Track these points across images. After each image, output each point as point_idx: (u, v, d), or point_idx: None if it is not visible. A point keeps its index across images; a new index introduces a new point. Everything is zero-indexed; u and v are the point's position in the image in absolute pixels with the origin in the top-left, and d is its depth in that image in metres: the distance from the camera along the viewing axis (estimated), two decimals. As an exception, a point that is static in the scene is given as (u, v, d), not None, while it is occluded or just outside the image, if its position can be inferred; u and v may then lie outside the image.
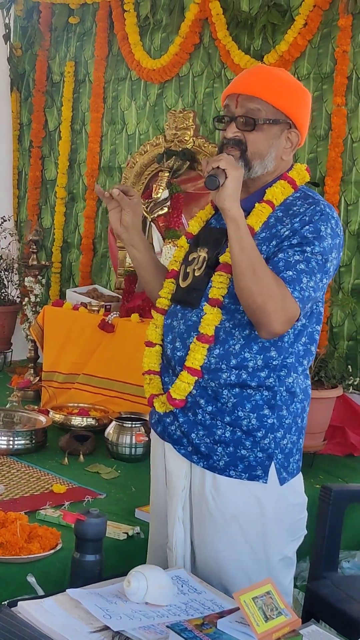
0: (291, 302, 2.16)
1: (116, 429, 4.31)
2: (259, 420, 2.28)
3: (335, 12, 5.02)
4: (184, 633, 1.78)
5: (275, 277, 2.16)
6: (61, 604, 1.96)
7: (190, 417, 2.32)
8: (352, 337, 5.02)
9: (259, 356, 2.26)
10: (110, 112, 6.29)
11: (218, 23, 5.49)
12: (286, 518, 2.34)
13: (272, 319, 2.15)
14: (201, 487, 2.33)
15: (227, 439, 2.29)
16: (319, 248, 2.21)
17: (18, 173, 7.02)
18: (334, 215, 2.28)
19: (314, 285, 2.20)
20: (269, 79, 2.34)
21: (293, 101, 2.33)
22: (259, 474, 2.29)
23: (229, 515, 2.30)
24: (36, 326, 5.31)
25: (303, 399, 2.37)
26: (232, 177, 2.13)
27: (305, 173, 2.39)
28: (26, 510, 3.32)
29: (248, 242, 2.15)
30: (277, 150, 2.33)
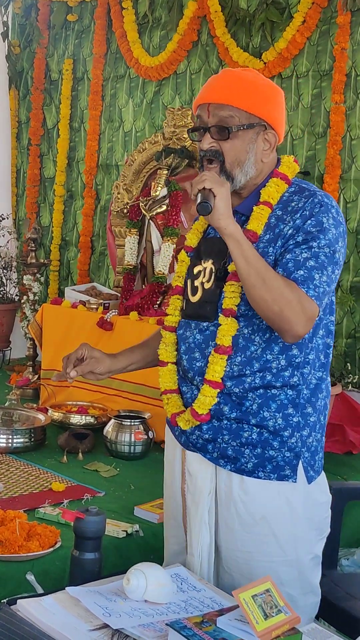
0: (308, 302, 2.14)
1: (115, 427, 4.31)
2: (285, 419, 2.26)
3: (334, 9, 5.02)
4: (184, 631, 1.77)
5: (286, 281, 2.14)
6: (60, 602, 1.96)
7: (215, 424, 2.30)
8: (350, 335, 5.02)
9: (281, 356, 2.25)
10: (109, 110, 6.29)
11: (216, 20, 5.48)
12: (315, 517, 2.33)
13: (292, 324, 2.13)
14: (228, 490, 2.30)
15: (255, 441, 2.26)
16: (324, 241, 2.18)
17: (16, 171, 7.02)
18: (333, 204, 2.25)
19: (327, 279, 2.18)
20: (237, 84, 2.29)
21: (264, 102, 2.29)
22: (287, 473, 2.27)
23: (258, 517, 2.28)
24: (35, 324, 5.31)
25: (326, 395, 2.35)
26: (220, 196, 2.12)
27: (295, 165, 2.36)
28: (25, 509, 3.32)
29: (251, 253, 2.13)
30: (255, 155, 2.29)
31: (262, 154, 2.30)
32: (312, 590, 2.35)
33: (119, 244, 5.53)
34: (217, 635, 1.78)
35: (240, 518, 2.29)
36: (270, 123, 2.30)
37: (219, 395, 2.27)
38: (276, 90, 2.36)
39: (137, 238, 5.49)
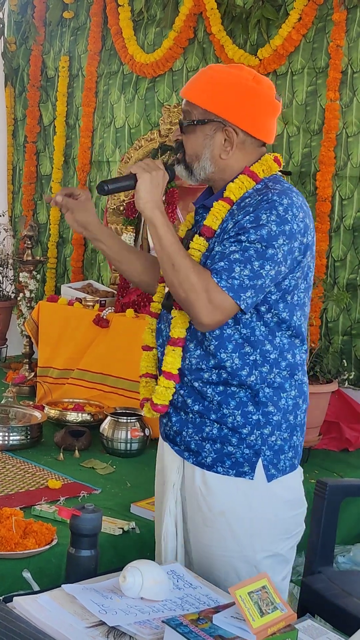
0: (216, 292, 2.15)
1: (111, 425, 4.31)
2: (244, 417, 2.27)
3: (330, 6, 5.02)
4: (180, 628, 1.77)
5: (197, 270, 2.18)
6: (57, 600, 1.96)
7: (182, 416, 2.35)
8: (346, 332, 5.02)
9: (234, 354, 2.26)
10: (101, 106, 6.28)
11: (212, 17, 5.48)
12: (276, 515, 2.32)
13: (196, 310, 2.17)
14: (191, 483, 2.35)
15: (215, 436, 2.30)
16: (254, 236, 2.17)
17: (12, 168, 7.01)
18: (282, 202, 2.20)
19: (251, 273, 2.15)
20: (201, 80, 2.33)
21: (220, 99, 2.29)
22: (245, 470, 2.28)
23: (217, 511, 2.31)
24: (31, 322, 5.31)
25: (296, 395, 2.33)
26: (142, 180, 2.22)
27: (273, 164, 2.34)
28: (21, 506, 3.32)
29: (166, 238, 2.20)
30: (212, 150, 2.31)
31: (221, 151, 2.32)
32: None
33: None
34: (214, 632, 1.78)
35: (201, 511, 2.33)
36: (229, 120, 2.29)
37: (184, 388, 2.32)
38: (245, 88, 2.31)
39: (134, 235, 5.50)
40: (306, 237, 2.25)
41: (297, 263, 2.25)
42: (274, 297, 2.25)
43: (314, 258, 2.34)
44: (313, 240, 2.31)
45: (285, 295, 2.26)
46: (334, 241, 5.02)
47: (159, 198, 2.24)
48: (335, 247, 5.02)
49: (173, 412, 2.36)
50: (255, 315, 2.25)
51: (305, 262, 2.28)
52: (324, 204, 5.00)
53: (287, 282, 2.25)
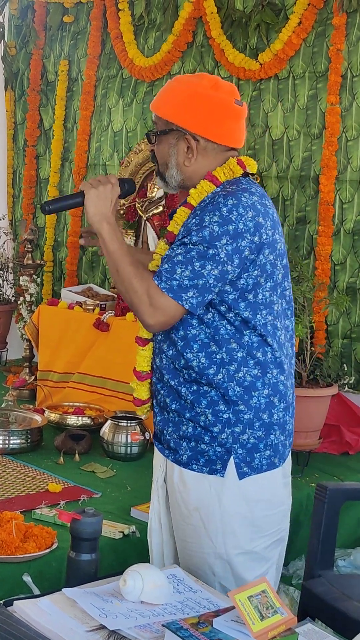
0: (157, 294, 2.23)
1: (112, 428, 4.31)
2: (215, 415, 2.32)
3: (330, 10, 5.02)
4: (180, 632, 1.78)
5: (139, 274, 2.28)
6: (57, 603, 1.96)
7: (165, 415, 2.42)
8: (346, 336, 5.03)
9: (201, 354, 2.32)
10: (99, 110, 6.28)
11: (212, 22, 5.48)
12: (248, 513, 2.35)
13: (139, 312, 2.27)
14: (171, 480, 2.42)
15: (190, 434, 2.36)
16: (196, 238, 2.23)
17: (12, 172, 7.01)
18: (226, 204, 2.25)
19: (191, 274, 2.22)
20: (164, 93, 2.43)
21: (179, 109, 2.37)
22: (218, 467, 2.33)
23: (192, 508, 2.36)
24: (31, 325, 5.31)
25: (270, 393, 2.35)
26: (88, 195, 2.33)
27: (235, 166, 2.39)
28: (22, 510, 3.33)
29: (112, 247, 2.31)
30: (177, 159, 2.40)
31: (185, 158, 2.40)
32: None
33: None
34: (214, 636, 1.78)
35: (179, 508, 2.40)
36: (188, 129, 2.37)
37: (165, 388, 2.40)
38: (200, 96, 2.36)
39: (134, 239, 5.50)
40: (258, 236, 2.27)
41: (250, 262, 2.27)
42: (232, 296, 2.29)
43: (280, 256, 2.36)
44: (273, 237, 2.32)
45: (244, 294, 2.29)
46: (334, 245, 5.03)
47: (107, 211, 2.33)
48: (336, 251, 5.02)
49: (158, 411, 2.45)
50: (217, 315, 2.30)
51: (265, 260, 2.30)
52: (327, 208, 5.00)
53: (243, 281, 2.28)
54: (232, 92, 2.41)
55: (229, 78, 5.43)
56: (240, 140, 2.44)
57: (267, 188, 5.29)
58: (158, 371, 2.42)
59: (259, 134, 5.36)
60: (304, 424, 3.98)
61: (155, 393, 2.46)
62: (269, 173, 5.32)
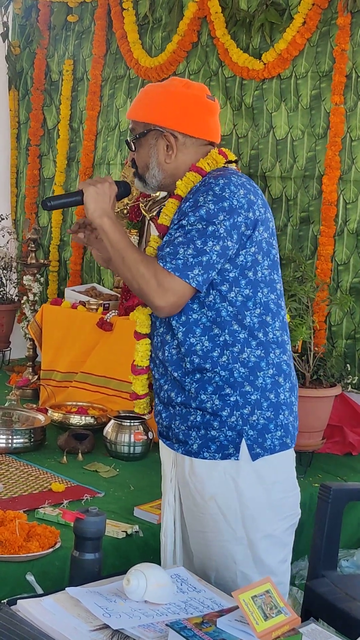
0: (164, 275, 2.26)
1: (115, 428, 4.31)
2: (222, 399, 2.34)
3: (334, 10, 5.02)
4: (184, 631, 1.78)
5: (144, 259, 2.31)
6: (60, 603, 1.96)
7: (170, 410, 2.43)
8: (350, 336, 5.02)
9: (203, 337, 2.34)
10: (106, 110, 6.29)
11: (217, 21, 5.48)
12: (265, 495, 2.36)
13: (149, 296, 2.28)
14: (182, 473, 2.41)
15: (198, 423, 2.36)
16: (194, 218, 2.28)
17: (16, 171, 7.01)
18: (218, 183, 2.32)
19: (194, 251, 2.25)
20: (138, 99, 2.50)
21: (154, 108, 2.45)
22: (231, 452, 2.34)
23: (207, 497, 2.36)
24: (34, 325, 5.31)
25: (275, 373, 2.37)
26: (87, 193, 2.38)
27: (218, 156, 2.45)
28: (25, 509, 3.33)
29: (114, 238, 2.34)
30: (157, 158, 2.46)
31: (165, 156, 2.47)
32: (270, 571, 2.35)
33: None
34: (217, 635, 1.78)
35: (193, 499, 2.39)
36: (165, 126, 2.44)
37: (168, 382, 2.41)
38: (173, 94, 2.46)
39: (137, 239, 5.50)
40: (252, 212, 2.32)
41: (246, 237, 2.32)
42: (232, 274, 2.32)
43: (273, 235, 2.42)
44: (266, 216, 2.38)
45: (245, 272, 2.33)
46: (338, 245, 5.02)
47: (107, 206, 2.38)
48: (339, 251, 5.02)
49: (163, 408, 2.45)
50: (218, 297, 2.32)
51: (260, 238, 2.35)
52: (330, 207, 5.00)
53: (242, 258, 2.32)
54: (202, 89, 2.50)
55: (232, 78, 5.43)
56: (217, 134, 2.50)
57: (270, 188, 5.29)
58: (161, 365, 2.43)
59: (262, 133, 5.36)
60: (307, 424, 3.98)
61: (157, 390, 2.47)
62: (272, 173, 5.31)
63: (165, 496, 2.51)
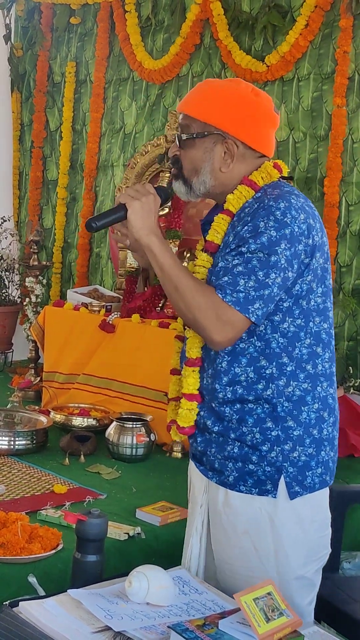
0: (224, 308, 2.12)
1: (117, 430, 4.31)
2: (262, 433, 2.22)
3: (337, 13, 5.02)
4: (186, 633, 1.77)
5: (201, 288, 2.16)
6: (62, 604, 1.96)
7: (206, 436, 2.33)
8: (352, 338, 5.02)
9: (249, 368, 2.22)
10: (110, 113, 6.29)
11: (219, 24, 5.49)
12: (302, 535, 2.26)
13: (206, 330, 2.14)
14: (215, 503, 2.32)
15: (236, 455, 2.26)
16: (255, 245, 2.13)
17: (19, 173, 7.03)
18: (279, 207, 2.16)
19: (256, 284, 2.11)
20: (199, 93, 2.31)
21: (220, 111, 2.27)
22: (268, 488, 2.23)
23: (241, 531, 2.26)
24: (37, 326, 5.31)
25: (320, 408, 2.26)
26: (132, 209, 2.20)
27: (272, 170, 2.29)
28: (27, 511, 3.32)
29: (166, 262, 2.19)
30: (212, 164, 2.29)
31: (222, 164, 2.29)
32: (299, 612, 2.22)
33: (121, 247, 5.54)
34: (219, 637, 1.78)
35: (225, 531, 2.29)
36: (229, 133, 2.27)
37: (204, 409, 2.30)
38: (243, 99, 2.29)
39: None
40: (311, 239, 2.19)
41: (305, 266, 2.19)
42: (286, 304, 2.20)
43: (328, 260, 2.28)
44: (322, 240, 2.25)
45: (299, 301, 2.21)
46: (340, 247, 5.02)
47: (153, 223, 2.22)
48: (342, 253, 5.02)
49: (198, 432, 2.35)
50: (270, 327, 2.21)
51: (317, 264, 2.22)
52: (332, 209, 5.00)
53: (298, 287, 2.20)
54: (270, 99, 2.34)
55: (235, 80, 5.42)
56: (273, 148, 2.36)
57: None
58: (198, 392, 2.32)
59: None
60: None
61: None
62: (275, 175, 5.31)
63: (192, 521, 2.39)
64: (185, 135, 2.30)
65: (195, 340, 2.30)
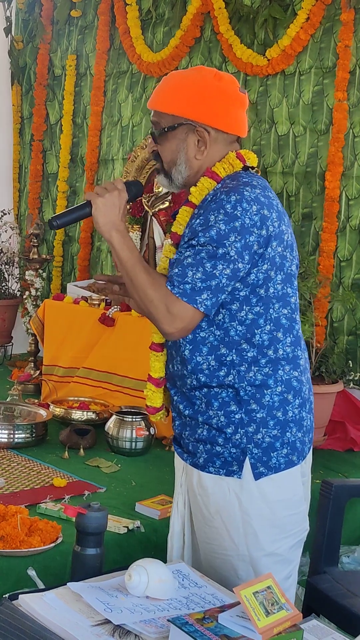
0: (172, 300, 2.18)
1: (116, 423, 4.31)
2: (227, 416, 2.29)
3: (338, 6, 5.01)
4: (185, 627, 1.78)
5: (154, 282, 2.22)
6: (62, 598, 1.96)
7: (182, 420, 2.41)
8: (352, 332, 5.02)
9: (210, 357, 2.29)
10: (110, 105, 6.28)
11: (220, 17, 5.48)
12: (269, 514, 2.31)
13: (158, 322, 2.21)
14: (191, 484, 2.40)
15: (205, 437, 2.33)
16: (204, 239, 2.19)
17: (19, 166, 7.02)
18: (230, 200, 2.20)
19: (203, 275, 2.17)
20: (163, 88, 2.37)
21: (184, 101, 2.32)
22: (234, 469, 2.30)
23: (213, 511, 2.34)
24: (36, 320, 5.31)
25: (283, 391, 2.31)
26: (95, 206, 2.27)
27: (235, 161, 2.35)
28: (27, 504, 3.33)
29: (123, 256, 2.26)
30: (187, 153, 2.35)
31: (196, 152, 2.35)
32: None
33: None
34: (219, 631, 1.78)
35: (200, 511, 2.37)
36: (198, 121, 2.32)
37: (177, 394, 2.38)
38: (204, 86, 2.33)
39: (140, 234, 5.50)
40: (265, 229, 2.22)
41: (259, 256, 2.23)
42: (243, 293, 2.25)
43: (288, 247, 2.31)
44: (280, 229, 2.27)
45: (256, 290, 2.26)
46: (340, 241, 5.02)
47: (116, 218, 2.28)
48: (341, 247, 5.02)
49: (176, 417, 2.43)
50: (228, 316, 2.26)
51: (274, 253, 2.25)
52: (333, 204, 4.99)
53: (253, 277, 2.24)
54: (233, 81, 2.38)
55: (236, 74, 5.41)
56: (245, 128, 2.41)
57: (272, 184, 5.28)
58: (171, 378, 2.40)
59: (265, 129, 5.35)
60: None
61: (172, 399, 2.43)
62: (274, 169, 5.31)
63: (175, 501, 2.50)
64: (157, 130, 2.37)
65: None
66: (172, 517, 2.51)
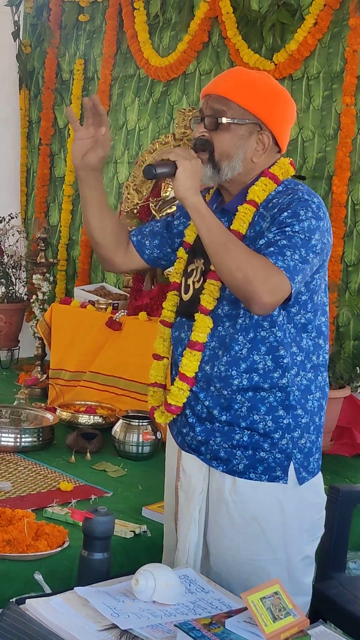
0: (274, 271, 2.10)
1: (123, 427, 4.31)
2: (275, 421, 2.28)
3: (346, 11, 5.01)
4: (192, 632, 1.77)
5: (253, 252, 2.15)
6: (69, 602, 1.96)
7: (208, 426, 2.34)
8: (358, 337, 5.01)
9: (267, 357, 2.26)
10: (115, 109, 6.29)
11: (228, 22, 5.48)
12: (306, 517, 2.35)
13: (257, 290, 2.09)
14: (220, 491, 2.34)
15: (246, 443, 2.30)
16: (298, 227, 2.17)
17: (26, 170, 7.03)
18: (314, 201, 2.23)
19: (300, 258, 2.14)
20: (240, 80, 2.31)
21: (263, 102, 2.29)
22: (278, 474, 2.30)
23: (249, 517, 2.31)
24: (43, 324, 5.32)
25: (320, 397, 2.36)
26: (183, 167, 2.15)
27: (289, 167, 2.36)
28: (33, 508, 3.33)
29: (213, 222, 2.16)
30: (245, 152, 2.30)
31: (254, 154, 2.31)
32: (303, 590, 2.39)
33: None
34: (226, 637, 1.78)
35: (230, 518, 2.33)
36: (266, 124, 2.30)
37: (209, 398, 2.31)
38: (281, 95, 2.35)
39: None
40: (330, 237, 2.28)
41: (322, 261, 2.27)
42: (304, 297, 2.27)
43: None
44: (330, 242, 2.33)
45: (312, 296, 2.29)
46: (347, 246, 5.01)
47: (198, 185, 2.19)
48: (348, 252, 5.01)
49: (197, 422, 2.35)
50: (286, 317, 2.27)
51: (326, 263, 2.32)
52: (340, 208, 4.99)
53: (314, 282, 2.27)
54: (294, 103, 2.42)
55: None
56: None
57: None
58: (204, 380, 2.31)
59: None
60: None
61: (193, 403, 2.35)
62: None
63: (188, 510, 2.39)
64: (226, 119, 2.28)
65: (202, 324, 2.30)
66: (188, 527, 2.38)
